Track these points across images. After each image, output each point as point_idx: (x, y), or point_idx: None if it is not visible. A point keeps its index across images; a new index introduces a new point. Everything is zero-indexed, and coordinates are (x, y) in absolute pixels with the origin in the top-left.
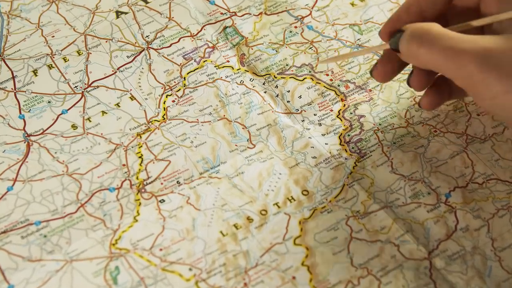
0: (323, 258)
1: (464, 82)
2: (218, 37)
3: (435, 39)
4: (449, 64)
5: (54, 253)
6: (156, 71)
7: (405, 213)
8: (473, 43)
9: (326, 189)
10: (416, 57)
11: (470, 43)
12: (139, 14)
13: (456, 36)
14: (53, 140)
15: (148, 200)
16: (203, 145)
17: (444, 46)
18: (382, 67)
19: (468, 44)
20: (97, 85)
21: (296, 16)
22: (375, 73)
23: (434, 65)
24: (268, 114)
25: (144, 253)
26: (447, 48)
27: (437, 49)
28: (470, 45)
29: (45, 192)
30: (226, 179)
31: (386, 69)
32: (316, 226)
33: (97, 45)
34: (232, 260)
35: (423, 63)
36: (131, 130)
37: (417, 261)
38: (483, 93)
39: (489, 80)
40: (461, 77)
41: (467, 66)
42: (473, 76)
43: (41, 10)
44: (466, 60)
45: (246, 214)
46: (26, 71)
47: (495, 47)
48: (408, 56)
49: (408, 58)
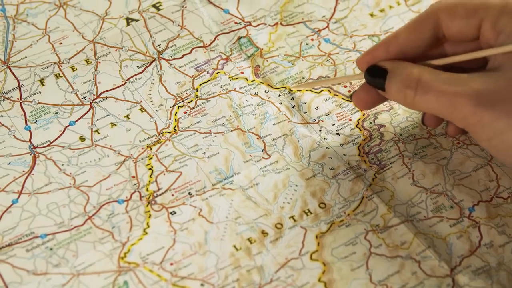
0: (341, 274)
1: (461, 124)
2: (232, 48)
3: (428, 86)
4: (444, 108)
5: (60, 266)
6: (167, 83)
7: (426, 228)
8: (464, 85)
9: (344, 202)
10: (411, 104)
11: (461, 86)
12: (150, 21)
13: (448, 79)
14: (60, 152)
15: (159, 212)
16: (216, 156)
17: (438, 92)
18: (364, 94)
19: (460, 88)
20: (106, 96)
21: (313, 28)
22: (355, 98)
23: (430, 111)
24: (284, 124)
25: (154, 267)
26: (441, 94)
27: (431, 95)
28: (461, 88)
29: (52, 205)
30: (240, 190)
31: (369, 97)
32: (334, 240)
33: (106, 53)
34: (245, 276)
35: (419, 109)
36: (141, 142)
37: (439, 279)
38: (480, 134)
39: (483, 122)
40: (457, 120)
41: (461, 108)
42: (468, 118)
43: (48, 15)
44: (460, 103)
45: (260, 228)
46: (32, 80)
47: (486, 88)
48: (398, 100)
49: (397, 101)
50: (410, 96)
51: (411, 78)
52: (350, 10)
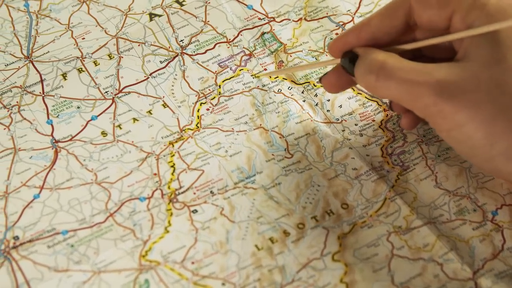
0: (363, 276)
1: (421, 113)
2: (255, 44)
3: (391, 72)
4: (406, 97)
5: (81, 263)
6: (190, 78)
7: (449, 230)
8: (428, 75)
9: (366, 203)
10: (373, 88)
11: (425, 75)
12: (174, 17)
13: (412, 68)
14: (82, 147)
15: (180, 210)
16: (238, 154)
17: (400, 79)
18: (334, 78)
19: (423, 77)
20: (128, 91)
21: (338, 22)
22: (325, 81)
23: (391, 97)
24: (307, 123)
25: (176, 266)
26: (403, 81)
27: (393, 82)
28: (425, 77)
29: (73, 201)
30: (262, 190)
31: (338, 81)
32: (356, 241)
33: (129, 48)
34: (267, 276)
35: (381, 95)
36: (163, 138)
37: (462, 282)
38: (440, 125)
39: (444, 112)
40: (418, 109)
41: (423, 98)
42: (429, 108)
43: (71, 11)
44: (422, 92)
45: (282, 228)
46: (55, 74)
47: (450, 79)
48: (364, 85)
49: (363, 87)
50: (371, 81)
51: (374, 63)
52: (376, 5)
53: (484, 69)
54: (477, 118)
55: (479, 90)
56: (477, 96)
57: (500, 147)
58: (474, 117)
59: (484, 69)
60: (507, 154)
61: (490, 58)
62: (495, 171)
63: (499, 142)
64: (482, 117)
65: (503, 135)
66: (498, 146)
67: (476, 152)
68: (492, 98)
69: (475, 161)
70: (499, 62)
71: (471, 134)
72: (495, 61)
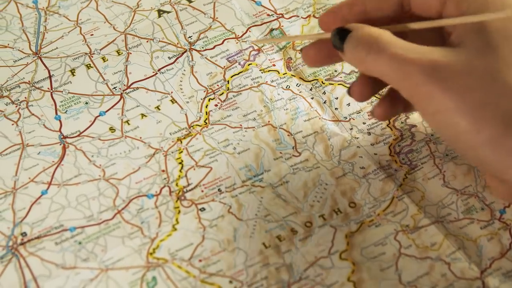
0: (370, 274)
1: (409, 93)
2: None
3: (384, 47)
4: (395, 73)
5: (89, 260)
6: (198, 74)
7: (457, 229)
8: (421, 54)
9: (374, 202)
10: (362, 63)
11: (418, 54)
12: (182, 13)
13: (405, 46)
14: (90, 143)
15: (188, 208)
16: (246, 152)
17: (392, 54)
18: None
19: (416, 55)
20: (136, 86)
21: None
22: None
23: (379, 73)
24: (315, 121)
25: (183, 263)
26: (395, 57)
27: (384, 57)
28: (418, 56)
29: (81, 197)
30: (269, 188)
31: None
32: (363, 240)
33: (137, 45)
34: (274, 274)
35: (369, 69)
36: (171, 134)
37: (469, 281)
38: (426, 106)
39: (433, 93)
40: (406, 88)
41: (413, 76)
42: (418, 88)
43: (80, 7)
44: (412, 70)
45: (290, 226)
46: (63, 70)
47: (443, 60)
48: (353, 60)
49: (352, 62)
50: (361, 55)
51: (367, 37)
52: None
53: (478, 55)
54: (466, 103)
55: (471, 76)
56: (469, 81)
57: (486, 135)
58: (463, 101)
59: (478, 56)
60: (492, 142)
61: (485, 46)
62: (477, 160)
63: (485, 130)
64: (471, 102)
65: (489, 123)
66: (484, 133)
67: (461, 138)
68: (484, 84)
69: (458, 148)
70: (493, 50)
71: (457, 119)
72: (489, 49)
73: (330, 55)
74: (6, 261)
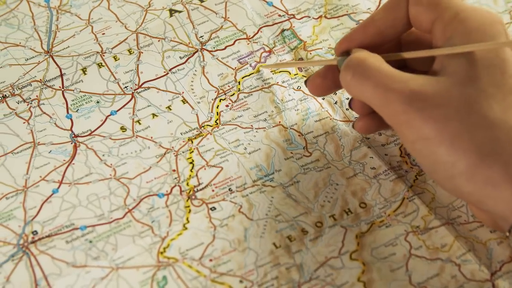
0: (380, 275)
1: (390, 120)
2: (275, 40)
3: (367, 73)
4: (378, 100)
5: (99, 259)
6: (209, 74)
7: (467, 232)
8: (403, 83)
9: (385, 202)
10: (347, 86)
11: (400, 83)
12: (194, 13)
13: (389, 73)
14: (101, 142)
15: (199, 207)
16: (257, 152)
17: (375, 81)
18: (320, 80)
19: (397, 84)
20: (148, 86)
21: (358, 20)
22: (311, 84)
23: (363, 98)
24: (326, 121)
25: (194, 263)
26: (377, 85)
27: (367, 83)
28: (399, 85)
29: (92, 196)
30: (280, 188)
31: (324, 84)
32: (374, 240)
33: (149, 44)
34: (285, 274)
35: (354, 93)
36: (182, 134)
37: (479, 283)
38: (406, 134)
39: (412, 122)
40: (387, 115)
41: (393, 104)
42: (399, 116)
43: (92, 6)
44: (394, 98)
45: (300, 226)
46: (75, 69)
47: (423, 90)
48: (342, 84)
49: (342, 84)
50: (347, 78)
51: (353, 60)
52: None
53: (457, 85)
54: (443, 134)
55: (449, 106)
56: (446, 111)
57: (461, 166)
58: (440, 132)
59: (457, 86)
60: (467, 174)
61: (465, 75)
62: (455, 190)
63: (461, 161)
64: (448, 133)
65: (465, 154)
66: (459, 164)
67: (438, 168)
68: (460, 115)
69: (436, 178)
70: (473, 80)
71: (434, 148)
72: (469, 79)
73: (335, 83)
74: (17, 259)
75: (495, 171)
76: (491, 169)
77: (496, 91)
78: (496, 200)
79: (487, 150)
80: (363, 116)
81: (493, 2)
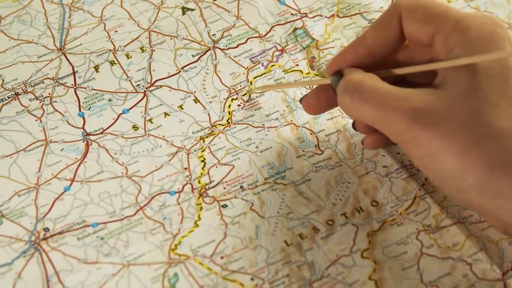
0: (392, 273)
1: (395, 138)
2: (287, 39)
3: (366, 95)
4: (380, 121)
5: (111, 256)
6: (221, 73)
7: (478, 231)
8: (404, 101)
9: (396, 201)
10: (348, 110)
11: (401, 101)
12: (206, 11)
13: (388, 92)
14: (113, 141)
15: (210, 204)
16: (269, 150)
17: (375, 102)
18: (314, 100)
19: (398, 102)
20: (160, 84)
21: (370, 19)
22: (305, 103)
23: (365, 120)
24: (337, 119)
25: (205, 260)
26: (378, 105)
27: (368, 105)
28: (400, 102)
29: (103, 194)
30: (291, 185)
31: (318, 103)
32: (385, 239)
33: (161, 42)
34: (296, 271)
35: (355, 117)
36: (194, 133)
37: (491, 282)
38: (413, 151)
39: (418, 139)
40: (392, 134)
41: (397, 123)
42: (404, 134)
43: (104, 4)
44: (396, 117)
45: (312, 224)
46: (87, 66)
47: (425, 106)
48: (341, 107)
49: (341, 108)
50: (347, 101)
51: (350, 82)
52: None
53: (460, 98)
54: (450, 149)
55: (453, 120)
56: (451, 126)
57: (471, 180)
58: (447, 147)
59: (460, 98)
60: (478, 187)
61: (467, 87)
62: (466, 202)
63: (470, 175)
64: (455, 148)
65: (474, 168)
66: (469, 179)
67: (448, 182)
68: (466, 129)
69: (446, 191)
70: (475, 92)
71: (443, 164)
72: (472, 90)
73: (329, 102)
74: (28, 256)
75: (505, 182)
76: (502, 180)
77: (500, 99)
78: (508, 211)
79: (495, 161)
80: (370, 134)
81: (506, 2)
